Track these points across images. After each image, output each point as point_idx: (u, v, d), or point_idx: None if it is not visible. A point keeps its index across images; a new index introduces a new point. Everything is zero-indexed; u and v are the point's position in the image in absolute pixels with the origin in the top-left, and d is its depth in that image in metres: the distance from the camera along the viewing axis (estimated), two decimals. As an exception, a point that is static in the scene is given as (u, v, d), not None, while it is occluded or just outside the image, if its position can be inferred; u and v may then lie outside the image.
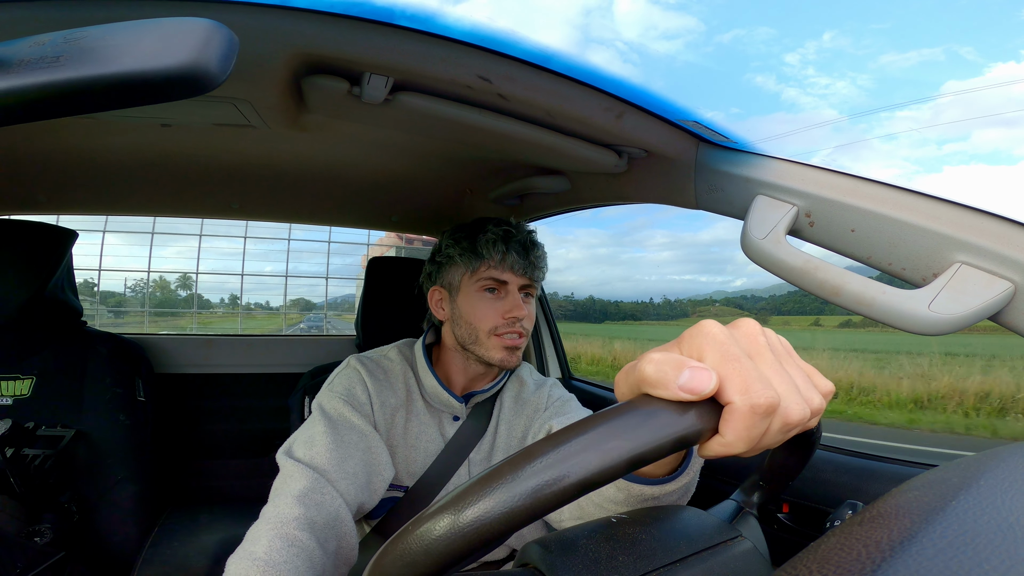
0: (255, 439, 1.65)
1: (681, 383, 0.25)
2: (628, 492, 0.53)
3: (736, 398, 0.26)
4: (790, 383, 0.28)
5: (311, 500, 0.61)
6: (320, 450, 0.68)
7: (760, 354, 0.29)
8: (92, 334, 1.32)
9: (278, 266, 18.55)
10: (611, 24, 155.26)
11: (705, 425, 0.26)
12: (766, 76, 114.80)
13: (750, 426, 0.26)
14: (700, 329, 0.29)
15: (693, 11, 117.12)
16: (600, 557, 0.32)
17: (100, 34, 0.24)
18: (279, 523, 0.58)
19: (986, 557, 0.20)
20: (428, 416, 0.86)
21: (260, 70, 0.61)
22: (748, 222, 0.64)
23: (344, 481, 0.66)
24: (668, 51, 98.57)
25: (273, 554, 0.54)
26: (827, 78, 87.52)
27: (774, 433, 0.28)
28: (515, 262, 0.82)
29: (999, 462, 0.29)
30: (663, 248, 50.69)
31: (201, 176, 1.20)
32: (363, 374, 0.82)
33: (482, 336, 0.82)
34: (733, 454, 0.27)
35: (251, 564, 0.53)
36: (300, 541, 0.57)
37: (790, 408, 0.27)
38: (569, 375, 1.60)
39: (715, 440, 0.27)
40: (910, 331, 0.51)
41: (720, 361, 0.27)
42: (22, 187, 1.23)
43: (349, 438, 0.72)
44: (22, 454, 1.05)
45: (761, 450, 0.29)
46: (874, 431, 7.18)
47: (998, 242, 0.49)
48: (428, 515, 0.23)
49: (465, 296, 0.84)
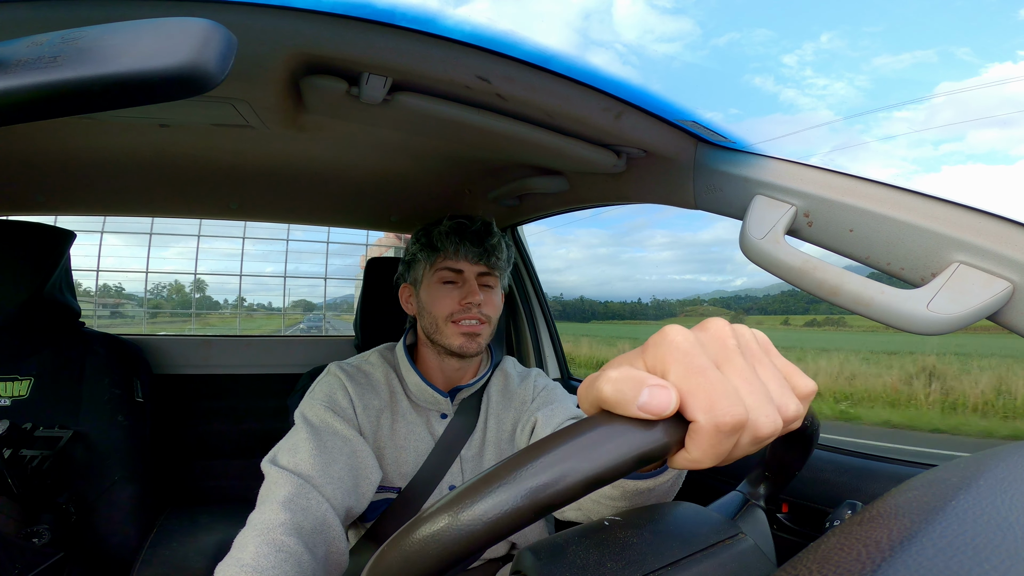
0: (254, 439, 1.65)
1: (640, 403, 0.24)
2: (623, 488, 0.54)
3: (700, 416, 0.24)
4: (761, 392, 0.26)
5: (297, 505, 0.62)
6: (304, 456, 0.68)
7: (729, 360, 0.27)
8: (90, 335, 1.32)
9: (277, 267, 18.60)
10: (610, 26, 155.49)
11: (669, 440, 0.25)
12: (764, 77, 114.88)
13: (716, 444, 0.25)
14: (664, 337, 0.27)
15: (690, 14, 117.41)
16: (588, 564, 0.32)
17: (98, 34, 0.24)
18: (266, 529, 0.58)
19: (986, 557, 0.20)
20: (416, 416, 0.86)
21: (258, 70, 0.61)
22: (747, 222, 0.64)
23: (330, 486, 0.67)
24: (667, 52, 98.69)
25: (260, 559, 0.54)
26: (825, 79, 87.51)
27: (744, 446, 0.26)
28: (468, 251, 0.85)
29: (999, 462, 0.29)
30: (663, 248, 50.72)
31: (200, 176, 1.20)
32: (343, 379, 0.83)
33: (440, 323, 0.84)
34: (701, 468, 0.26)
35: (239, 570, 0.53)
36: (287, 546, 0.57)
37: (759, 422, 0.25)
38: (568, 375, 1.60)
39: (681, 455, 0.26)
40: (909, 331, 0.51)
41: (683, 375, 0.25)
42: (20, 187, 1.22)
43: (332, 443, 0.72)
44: (20, 455, 1.05)
45: (733, 461, 0.27)
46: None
47: (996, 242, 0.49)
48: (416, 523, 0.24)
49: (426, 288, 0.87)
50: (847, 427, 7.21)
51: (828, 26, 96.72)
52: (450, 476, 0.84)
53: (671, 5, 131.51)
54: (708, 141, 0.73)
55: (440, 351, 0.86)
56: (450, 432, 0.86)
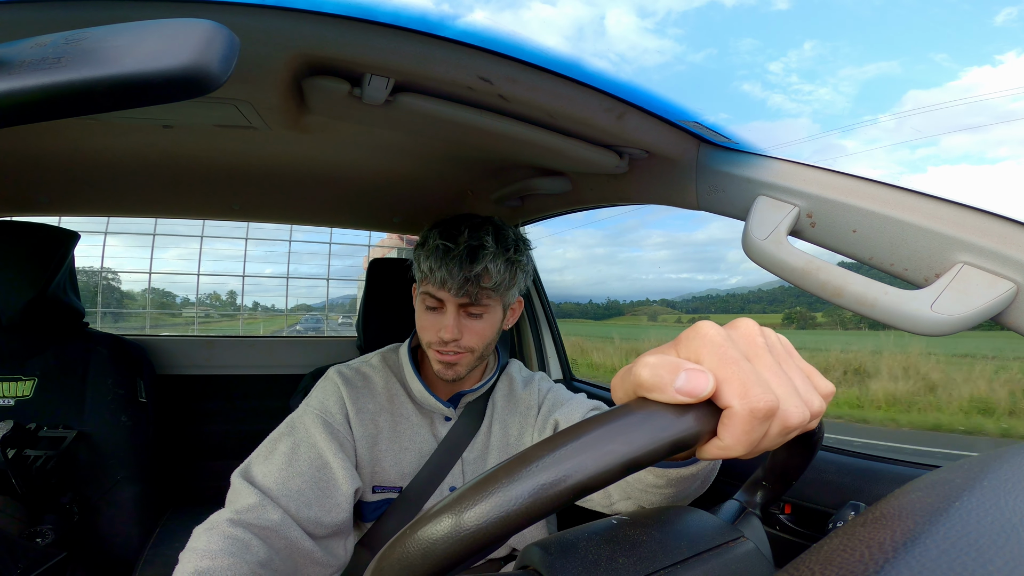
0: (256, 440, 1.64)
1: (678, 386, 0.25)
2: (667, 477, 0.56)
3: (734, 402, 0.25)
4: (789, 385, 0.28)
5: (253, 514, 0.66)
6: (272, 468, 0.72)
7: (758, 356, 0.28)
8: (94, 335, 1.32)
9: (279, 268, 18.66)
10: (603, 38, 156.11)
11: (703, 428, 0.25)
12: (752, 83, 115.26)
13: (749, 430, 0.26)
14: (696, 331, 0.28)
15: (668, 35, 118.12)
16: (600, 559, 0.32)
17: (101, 35, 0.24)
18: (215, 524, 0.64)
19: (990, 558, 0.20)
20: (419, 417, 0.86)
21: (261, 71, 0.61)
22: (749, 223, 0.64)
23: (286, 498, 0.69)
24: (659, 61, 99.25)
25: (211, 545, 0.61)
26: (810, 85, 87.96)
27: (773, 436, 0.27)
28: (448, 280, 0.74)
29: (1002, 463, 0.29)
30: (660, 248, 50.59)
31: (202, 177, 1.20)
32: (340, 384, 0.83)
33: (424, 346, 0.83)
34: (731, 457, 0.27)
35: (191, 554, 0.60)
36: (232, 534, 0.62)
37: (789, 411, 0.27)
38: (571, 376, 1.59)
39: (713, 443, 0.26)
40: (913, 332, 0.51)
41: (718, 364, 0.26)
42: (24, 189, 1.23)
43: (306, 455, 0.74)
44: (24, 455, 1.05)
45: (760, 452, 0.28)
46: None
47: (1000, 242, 0.49)
48: (426, 518, 0.23)
49: (416, 305, 0.84)
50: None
51: (810, 35, 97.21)
52: (451, 478, 0.84)
53: (659, 19, 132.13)
54: (710, 142, 0.73)
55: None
56: (453, 435, 0.86)
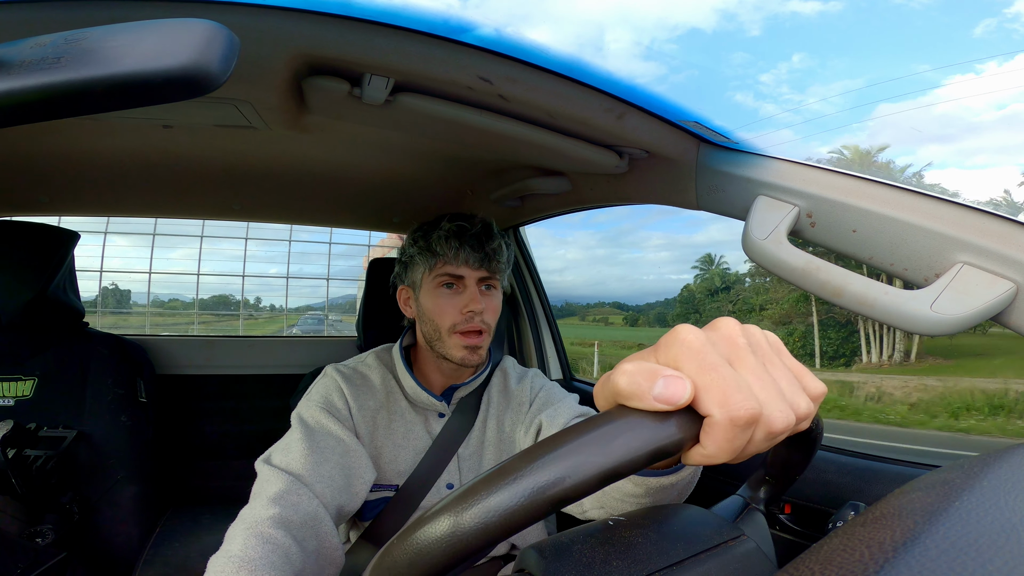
0: (257, 440, 1.65)
1: (655, 393, 0.24)
2: (647, 486, 0.54)
3: (714, 410, 0.25)
4: (773, 389, 0.27)
5: (287, 501, 0.63)
6: (296, 455, 0.70)
7: (740, 358, 0.27)
8: (94, 335, 1.32)
9: (280, 268, 18.67)
10: (601, 50, 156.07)
11: (685, 435, 0.25)
12: (745, 94, 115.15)
13: (731, 438, 0.25)
14: (675, 336, 0.27)
15: (653, 57, 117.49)
16: (594, 561, 0.32)
17: (101, 35, 0.24)
18: (253, 523, 0.60)
19: (989, 558, 0.20)
20: (413, 415, 0.86)
21: (261, 71, 0.61)
22: (749, 223, 0.64)
23: (320, 484, 0.67)
24: (656, 73, 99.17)
25: (248, 551, 0.56)
26: (800, 95, 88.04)
27: (758, 442, 0.26)
28: (469, 256, 0.82)
29: (1002, 463, 0.29)
30: (659, 248, 50.64)
31: (202, 177, 1.20)
32: (339, 381, 0.83)
33: (444, 333, 0.83)
34: (716, 463, 0.26)
35: (227, 561, 0.55)
36: (274, 538, 0.58)
37: (773, 416, 0.26)
38: (570, 376, 1.59)
39: (696, 450, 0.26)
40: (913, 332, 0.51)
41: (697, 370, 0.25)
42: (24, 188, 1.23)
43: (326, 443, 0.73)
44: (24, 455, 1.05)
45: (747, 457, 0.27)
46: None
47: (1000, 242, 0.49)
48: (400, 536, 0.24)
49: (426, 293, 0.85)
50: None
51: (798, 47, 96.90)
52: (447, 475, 0.84)
53: (656, 37, 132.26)
54: (710, 142, 0.73)
55: (438, 356, 0.85)
56: (447, 431, 0.86)
